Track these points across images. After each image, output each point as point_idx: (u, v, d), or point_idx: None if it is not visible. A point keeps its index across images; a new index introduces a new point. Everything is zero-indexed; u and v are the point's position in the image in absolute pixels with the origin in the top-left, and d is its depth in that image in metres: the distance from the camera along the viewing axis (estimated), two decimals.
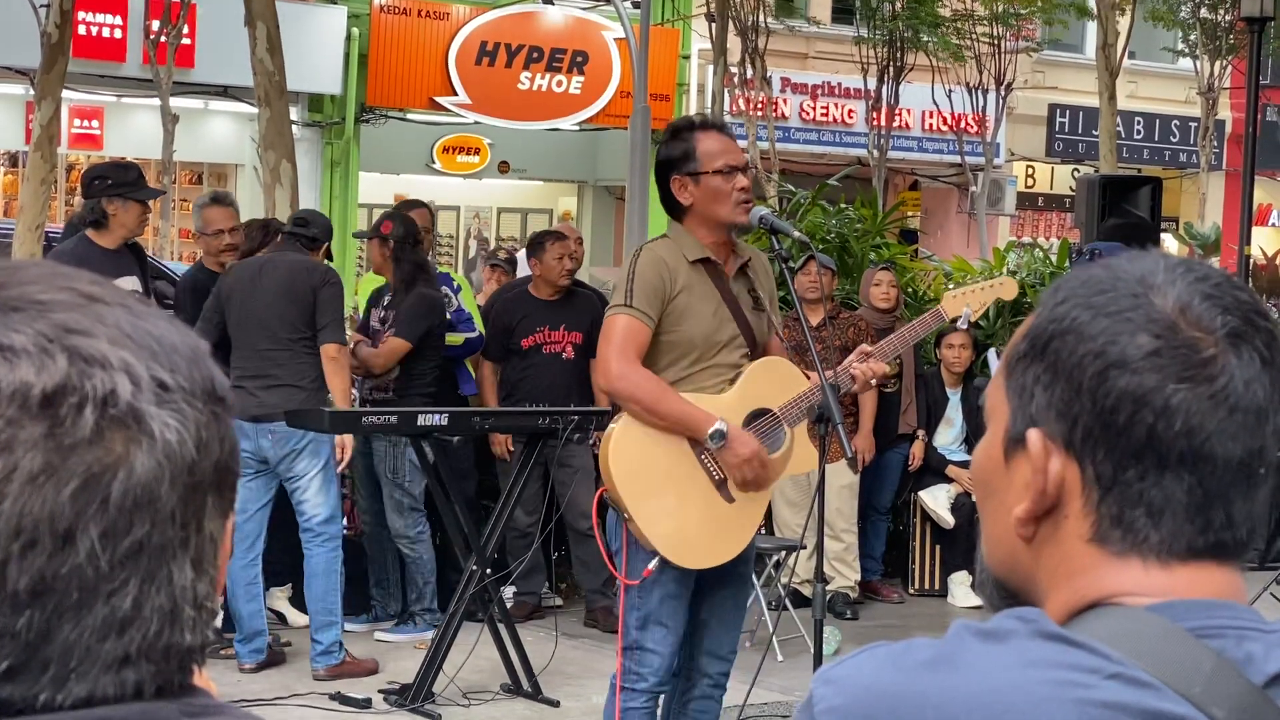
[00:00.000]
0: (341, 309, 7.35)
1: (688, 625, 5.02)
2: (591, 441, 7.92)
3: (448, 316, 8.19)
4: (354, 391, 7.89)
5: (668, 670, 4.94)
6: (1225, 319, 1.25)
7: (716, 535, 4.89)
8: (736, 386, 4.89)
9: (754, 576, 8.30)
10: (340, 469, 7.44)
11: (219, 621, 7.71)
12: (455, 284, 8.51)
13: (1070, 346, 1.27)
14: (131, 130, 20.25)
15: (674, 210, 4.97)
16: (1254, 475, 1.26)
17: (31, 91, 13.44)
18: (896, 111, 21.93)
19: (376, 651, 7.69)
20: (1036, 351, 1.30)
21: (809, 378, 5.03)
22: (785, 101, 24.28)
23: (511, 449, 8.38)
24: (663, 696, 5.08)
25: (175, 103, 16.33)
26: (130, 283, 7.07)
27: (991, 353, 9.55)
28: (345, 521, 8.63)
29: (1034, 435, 1.29)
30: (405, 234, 7.90)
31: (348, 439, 7.30)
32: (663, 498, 4.81)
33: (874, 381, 5.06)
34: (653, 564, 4.80)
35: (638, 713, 4.94)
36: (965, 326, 5.32)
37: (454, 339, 8.27)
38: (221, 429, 1.04)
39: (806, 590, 8.56)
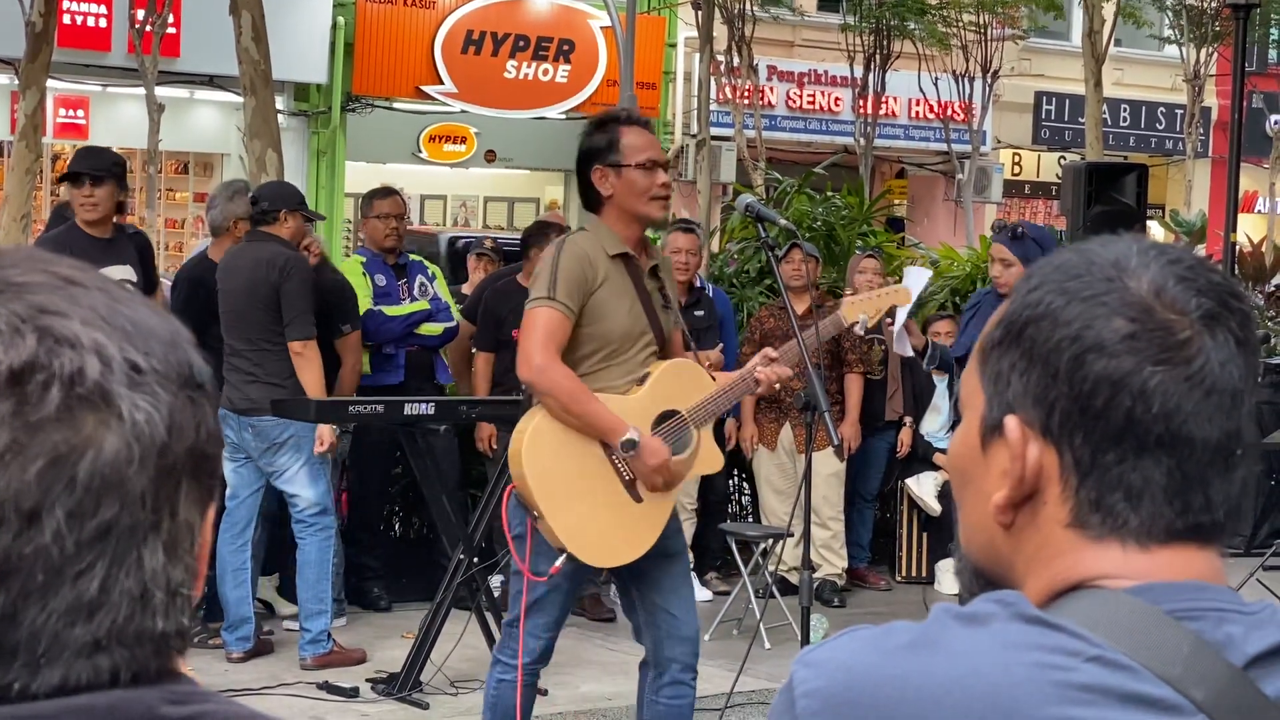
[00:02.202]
0: (306, 302, 7.20)
1: (647, 614, 5.07)
2: None
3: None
4: None
5: (542, 654, 5.05)
6: (1200, 301, 1.26)
7: (625, 534, 4.96)
8: (646, 387, 4.94)
9: (741, 565, 8.31)
10: (319, 451, 7.42)
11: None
12: (430, 273, 8.49)
13: (1045, 332, 1.27)
14: (117, 120, 20.20)
15: (592, 202, 5.01)
16: (1231, 456, 1.27)
17: (16, 81, 13.40)
18: (883, 99, 21.93)
19: (363, 640, 7.69)
20: (1011, 338, 1.30)
21: (715, 379, 5.13)
22: (771, 90, 24.28)
23: (495, 446, 8.37)
24: (638, 683, 5.13)
25: (160, 92, 16.29)
26: (121, 271, 7.01)
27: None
28: None
29: (1011, 422, 1.29)
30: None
31: (325, 430, 7.25)
32: (573, 497, 4.87)
33: (777, 385, 5.16)
34: (559, 561, 4.86)
35: (510, 686, 5.04)
36: (862, 333, 5.60)
37: (432, 329, 8.25)
38: (198, 414, 1.04)
39: (794, 578, 8.57)
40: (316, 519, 7.23)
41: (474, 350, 8.67)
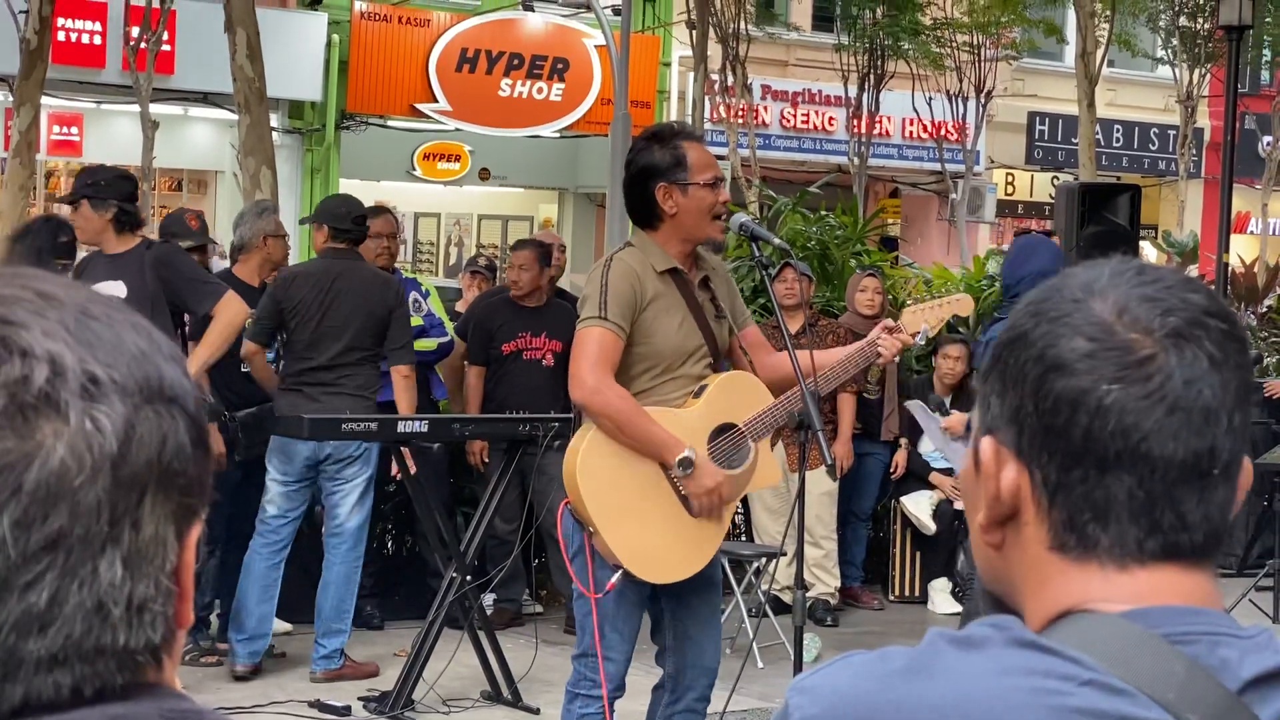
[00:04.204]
0: (411, 328, 7.51)
1: (671, 640, 5.03)
2: None
3: None
4: None
5: (622, 676, 4.94)
6: (1167, 320, 1.26)
7: (682, 550, 4.89)
8: (702, 401, 4.86)
9: (734, 583, 8.31)
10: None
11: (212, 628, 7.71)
12: (424, 290, 8.50)
13: (1017, 353, 1.29)
14: (111, 136, 20.19)
15: (647, 218, 4.88)
16: (1205, 476, 1.26)
17: (10, 98, 13.40)
18: (877, 119, 21.97)
19: (355, 658, 7.67)
20: (994, 362, 1.32)
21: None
22: (766, 109, 24.31)
23: (487, 459, 8.38)
24: (642, 703, 5.08)
25: (155, 109, 16.27)
26: (112, 288, 6.97)
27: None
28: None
29: (984, 442, 1.31)
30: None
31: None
32: (630, 513, 4.79)
33: (896, 358, 5.16)
34: (615, 577, 4.79)
35: (594, 718, 4.93)
36: (923, 342, 5.43)
37: (426, 344, 8.25)
38: (165, 427, 1.03)
39: (786, 597, 8.58)
40: (356, 534, 7.30)
41: (466, 364, 8.67)
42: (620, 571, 4.79)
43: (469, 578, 6.94)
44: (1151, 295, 1.27)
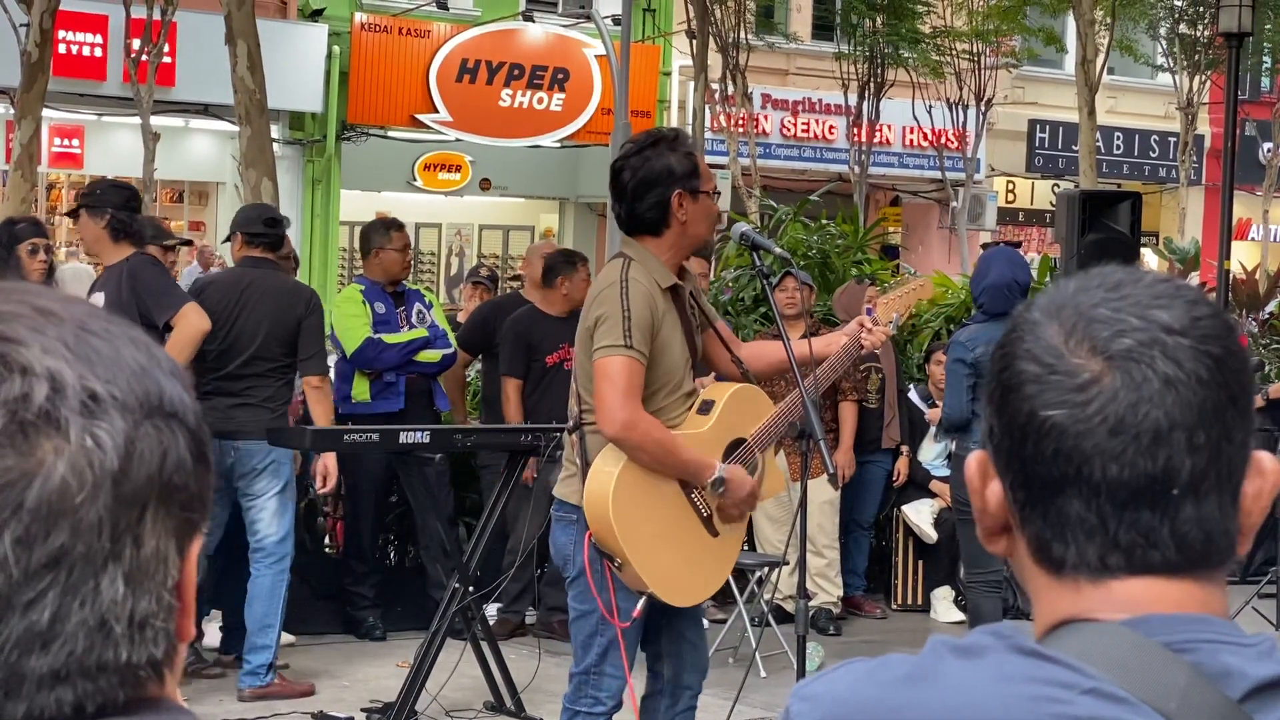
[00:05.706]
0: (324, 337, 7.37)
1: (672, 644, 5.05)
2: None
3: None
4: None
5: (621, 691, 4.96)
6: (1117, 341, 1.25)
7: (705, 571, 4.93)
8: (714, 419, 4.84)
9: (737, 593, 8.30)
10: (324, 491, 7.47)
11: (215, 642, 7.70)
12: (428, 301, 8.52)
13: (990, 374, 1.32)
14: (112, 148, 20.24)
15: (653, 225, 4.77)
16: (1163, 495, 1.24)
17: (11, 110, 13.41)
18: (877, 127, 21.99)
19: (358, 669, 7.66)
20: (988, 379, 1.34)
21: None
22: (766, 118, 24.34)
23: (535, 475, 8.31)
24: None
25: (156, 121, 16.31)
26: (97, 299, 6.95)
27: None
28: (327, 539, 8.61)
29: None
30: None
31: (331, 464, 7.28)
32: (658, 541, 4.78)
33: (878, 349, 5.13)
34: (641, 604, 4.78)
35: None
36: (894, 331, 5.52)
37: (430, 356, 8.25)
38: (165, 442, 1.02)
39: (789, 606, 8.56)
40: (277, 548, 7.19)
41: (504, 376, 8.61)
42: (644, 598, 4.78)
43: (471, 588, 6.93)
44: (1108, 315, 1.26)
